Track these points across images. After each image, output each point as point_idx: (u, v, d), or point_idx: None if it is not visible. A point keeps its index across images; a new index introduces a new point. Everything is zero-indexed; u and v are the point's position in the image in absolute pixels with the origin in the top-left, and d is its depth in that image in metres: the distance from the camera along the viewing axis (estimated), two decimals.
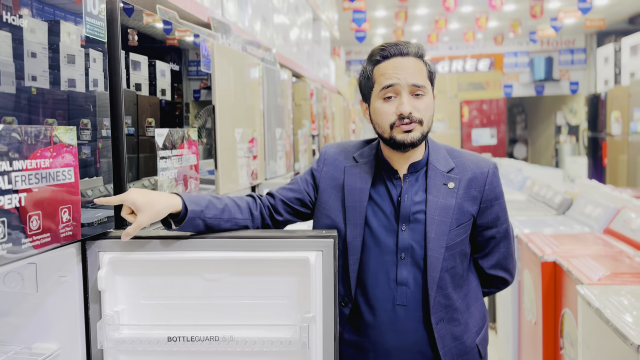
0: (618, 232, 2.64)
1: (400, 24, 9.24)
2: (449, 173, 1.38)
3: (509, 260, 1.48)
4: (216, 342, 1.15)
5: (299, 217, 1.45)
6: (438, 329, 1.34)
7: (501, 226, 1.44)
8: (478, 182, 1.38)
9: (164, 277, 1.24)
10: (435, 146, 1.43)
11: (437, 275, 1.33)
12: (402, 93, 1.30)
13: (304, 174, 1.49)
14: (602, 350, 1.71)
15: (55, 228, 1.07)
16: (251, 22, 3.10)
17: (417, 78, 1.31)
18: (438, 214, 1.34)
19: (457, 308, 1.37)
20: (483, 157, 1.44)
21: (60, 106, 1.11)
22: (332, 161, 1.45)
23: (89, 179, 1.22)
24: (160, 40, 1.67)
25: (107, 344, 1.16)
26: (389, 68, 1.32)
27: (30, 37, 1.03)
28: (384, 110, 1.33)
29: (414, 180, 1.38)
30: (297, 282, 1.22)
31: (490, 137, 10.76)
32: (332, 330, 1.22)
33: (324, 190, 1.42)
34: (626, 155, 6.55)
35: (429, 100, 1.33)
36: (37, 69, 1.05)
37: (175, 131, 1.57)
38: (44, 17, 1.07)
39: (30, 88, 1.03)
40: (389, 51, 1.33)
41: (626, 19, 10.41)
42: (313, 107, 4.09)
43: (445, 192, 1.36)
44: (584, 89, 12.07)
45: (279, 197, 1.42)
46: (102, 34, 1.23)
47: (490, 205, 1.41)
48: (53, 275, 1.22)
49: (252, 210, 1.37)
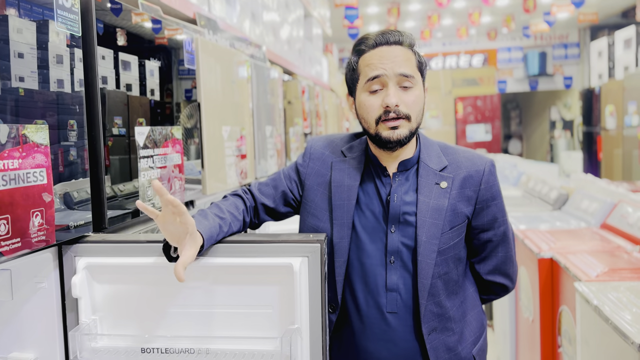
0: (615, 227, 2.61)
1: (392, 20, 9.19)
2: (442, 172, 1.28)
3: (508, 265, 1.37)
4: (192, 354, 1.08)
5: (277, 217, 1.37)
6: (430, 339, 1.24)
7: (498, 228, 1.33)
8: (473, 181, 1.28)
9: (142, 285, 1.18)
10: (427, 143, 1.33)
11: (429, 282, 1.23)
12: (389, 84, 1.21)
13: (287, 169, 1.39)
14: (601, 348, 1.67)
15: (27, 233, 1.02)
16: (240, 19, 3.04)
17: (405, 67, 1.21)
18: (429, 215, 1.24)
19: (451, 317, 1.27)
20: (479, 154, 1.34)
21: (35, 106, 1.05)
22: (319, 156, 1.35)
23: (75, 181, 1.17)
24: (149, 40, 1.61)
25: (82, 353, 1.10)
26: (374, 58, 1.23)
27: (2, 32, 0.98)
28: (370, 103, 1.23)
29: (404, 179, 1.29)
30: (281, 291, 1.14)
31: (485, 133, 10.74)
32: (320, 342, 1.13)
33: (310, 188, 1.33)
34: (621, 149, 6.53)
35: (418, 93, 1.24)
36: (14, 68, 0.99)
37: (158, 130, 1.52)
38: (14, 6, 1.01)
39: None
40: (375, 40, 1.24)
41: (619, 13, 10.40)
42: (305, 104, 4.04)
43: (437, 192, 1.26)
44: (578, 83, 12.06)
45: (259, 197, 1.34)
46: (76, 28, 1.17)
47: (487, 206, 1.30)
48: (29, 282, 1.17)
49: (245, 219, 1.30)
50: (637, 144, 6.11)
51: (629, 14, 10.01)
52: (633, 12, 9.27)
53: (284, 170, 1.39)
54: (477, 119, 10.76)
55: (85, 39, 1.21)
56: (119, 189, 1.48)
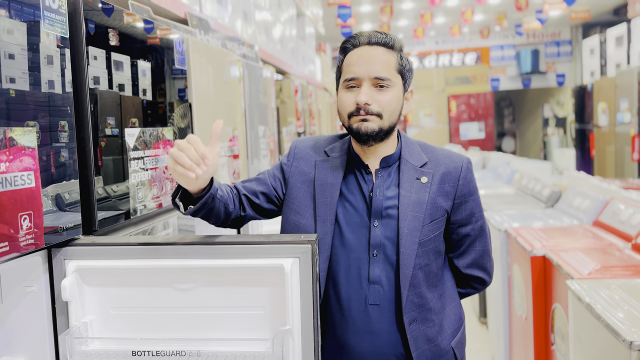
0: (607, 224, 2.62)
1: (385, 19, 9.20)
2: (422, 167, 1.34)
3: (485, 259, 1.43)
4: (183, 357, 1.08)
5: (261, 214, 1.39)
6: (411, 329, 1.29)
7: (476, 223, 1.39)
8: (452, 177, 1.35)
9: (132, 287, 1.17)
10: (407, 141, 1.39)
11: (410, 273, 1.28)
12: (363, 84, 1.27)
13: (272, 168, 1.43)
14: (594, 345, 1.67)
15: (15, 236, 1.01)
16: (232, 18, 3.03)
17: (381, 71, 1.27)
18: (411, 209, 1.30)
19: (431, 308, 1.32)
20: (456, 153, 1.41)
21: (27, 107, 1.04)
22: (303, 155, 1.40)
23: (67, 182, 1.16)
24: (142, 40, 1.61)
25: (72, 357, 1.09)
26: (354, 57, 1.30)
27: None
28: (345, 99, 1.30)
29: (387, 175, 1.34)
30: (272, 292, 1.14)
31: (478, 131, 10.78)
32: (312, 343, 1.14)
33: (294, 186, 1.36)
34: (613, 146, 6.57)
35: (394, 94, 1.29)
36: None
37: (148, 131, 1.51)
38: (4, 6, 1.00)
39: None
40: (358, 39, 1.31)
41: (611, 10, 10.45)
42: (298, 104, 4.03)
43: (418, 186, 1.32)
44: (570, 81, 12.12)
45: (243, 192, 1.35)
46: (63, 29, 1.16)
47: (465, 201, 1.37)
48: (18, 286, 1.16)
49: (234, 199, 1.33)
50: (629, 141, 6.15)
51: (621, 11, 10.06)
52: (625, 10, 9.31)
53: (268, 170, 1.43)
54: (470, 116, 10.79)
55: (73, 40, 1.20)
56: (112, 189, 1.47)
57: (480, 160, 6.62)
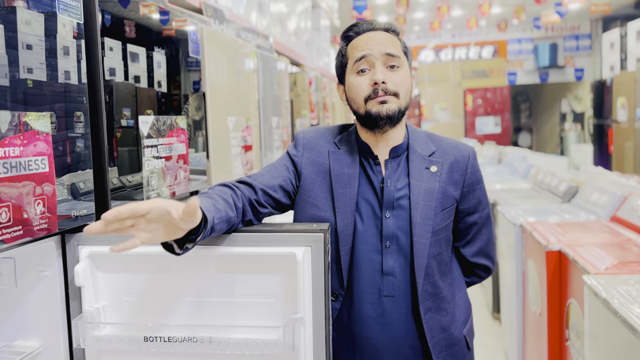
0: (625, 220, 2.57)
1: (402, 11, 9.12)
2: (431, 157, 1.34)
3: (491, 247, 1.46)
4: (194, 343, 1.08)
5: (278, 208, 1.33)
6: (426, 318, 1.29)
7: (483, 211, 1.40)
8: (460, 166, 1.35)
9: (145, 273, 1.18)
10: (414, 130, 1.39)
11: (425, 262, 1.27)
12: (376, 64, 1.26)
13: (279, 160, 1.37)
14: (610, 341, 1.65)
15: (29, 221, 1.01)
16: (247, 9, 3.02)
17: (390, 48, 1.27)
18: (422, 198, 1.29)
19: (444, 297, 1.33)
20: (461, 142, 1.41)
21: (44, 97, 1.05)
22: (313, 145, 1.36)
23: (82, 172, 1.17)
24: (157, 31, 1.61)
25: (85, 342, 1.10)
26: (361, 41, 1.29)
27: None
28: (358, 83, 1.28)
29: (396, 166, 1.33)
30: (284, 280, 1.14)
31: (494, 126, 10.66)
32: (324, 331, 1.14)
33: (307, 178, 1.33)
34: (632, 142, 6.45)
35: (405, 74, 1.29)
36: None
37: (162, 119, 1.51)
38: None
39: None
40: (361, 27, 1.32)
41: (632, 4, 10.25)
42: (312, 96, 4.02)
43: (428, 175, 1.32)
44: (589, 75, 11.93)
45: (260, 188, 1.28)
46: (77, 15, 1.16)
47: (473, 190, 1.37)
48: (32, 271, 1.17)
49: (237, 204, 1.21)
50: None
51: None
52: None
53: (277, 163, 1.36)
54: (486, 111, 10.68)
55: (87, 26, 1.20)
56: (127, 180, 1.48)
57: (496, 155, 6.55)
